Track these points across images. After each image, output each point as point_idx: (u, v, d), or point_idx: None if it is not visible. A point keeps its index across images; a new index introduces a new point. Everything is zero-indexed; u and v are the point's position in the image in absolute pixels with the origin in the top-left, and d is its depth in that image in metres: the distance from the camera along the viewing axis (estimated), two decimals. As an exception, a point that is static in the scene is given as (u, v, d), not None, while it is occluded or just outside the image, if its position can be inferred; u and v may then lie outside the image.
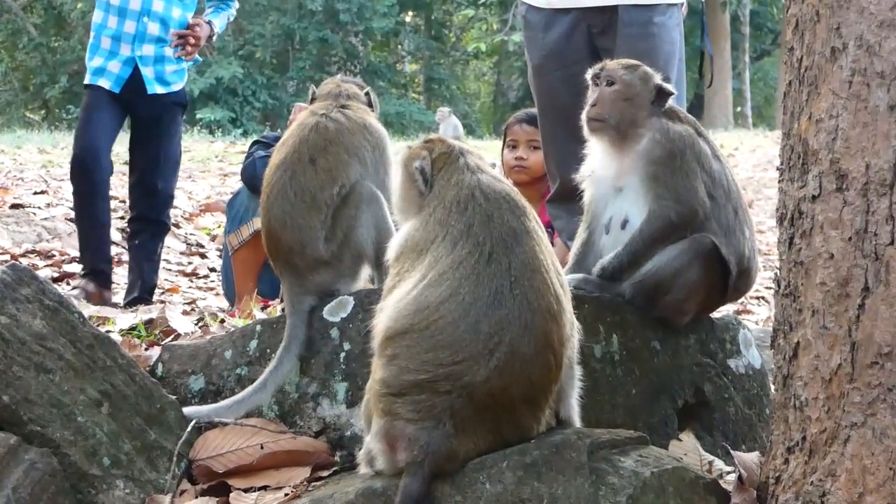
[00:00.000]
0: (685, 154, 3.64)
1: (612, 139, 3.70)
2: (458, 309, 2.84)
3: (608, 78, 3.73)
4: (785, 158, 2.94)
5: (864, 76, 2.68)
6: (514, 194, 3.06)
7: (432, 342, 2.84)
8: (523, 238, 2.93)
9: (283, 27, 36.01)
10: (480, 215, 2.94)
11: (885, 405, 2.64)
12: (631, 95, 3.70)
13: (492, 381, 2.82)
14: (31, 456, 3.16)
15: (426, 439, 2.83)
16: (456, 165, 3.08)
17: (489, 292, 2.84)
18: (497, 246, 2.90)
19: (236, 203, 6.54)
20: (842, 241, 2.71)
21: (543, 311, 2.88)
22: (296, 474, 3.34)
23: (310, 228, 3.68)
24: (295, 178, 3.70)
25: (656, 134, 3.66)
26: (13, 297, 3.33)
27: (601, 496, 2.84)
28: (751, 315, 7.66)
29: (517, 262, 2.89)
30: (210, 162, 17.27)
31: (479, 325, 2.82)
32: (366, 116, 3.88)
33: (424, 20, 42.33)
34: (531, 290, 2.87)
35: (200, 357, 3.76)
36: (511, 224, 2.95)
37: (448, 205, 2.99)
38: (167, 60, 6.86)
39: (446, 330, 2.83)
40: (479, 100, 46.40)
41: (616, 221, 3.70)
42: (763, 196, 15.48)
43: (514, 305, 2.84)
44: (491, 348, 2.82)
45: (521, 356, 2.84)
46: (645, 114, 3.70)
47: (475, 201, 2.97)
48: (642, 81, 3.73)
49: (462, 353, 2.82)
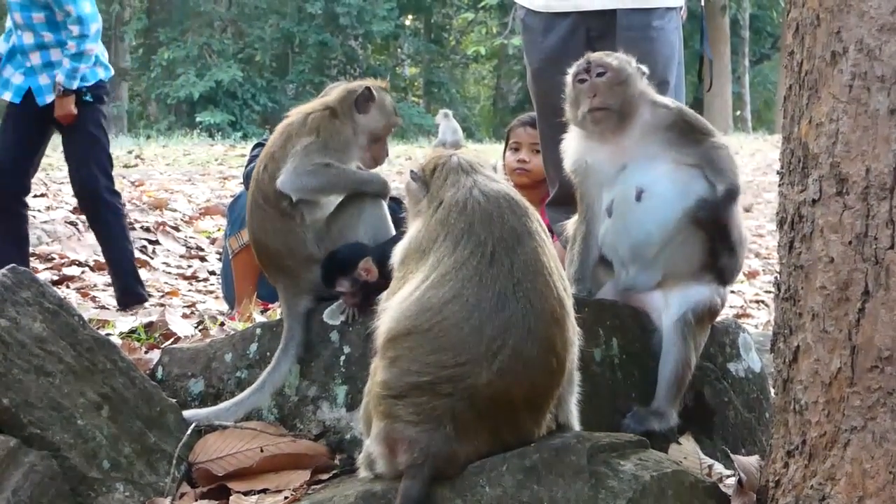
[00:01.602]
0: (685, 109, 3.82)
1: (613, 124, 3.73)
2: (461, 311, 2.83)
3: (598, 69, 3.76)
4: (785, 162, 2.94)
5: (864, 80, 2.68)
6: (512, 194, 3.06)
7: (435, 344, 2.83)
8: (525, 238, 2.93)
9: (283, 30, 36.00)
10: (480, 214, 2.95)
11: (885, 409, 2.64)
12: (624, 78, 3.76)
13: (494, 384, 2.81)
14: (31, 459, 3.15)
15: (426, 442, 2.82)
16: (450, 166, 3.10)
17: (492, 294, 2.84)
18: (499, 246, 2.89)
19: (237, 206, 6.53)
20: (842, 244, 2.71)
21: (547, 314, 2.88)
22: (295, 477, 3.34)
23: (290, 231, 3.71)
24: (258, 186, 3.76)
25: (656, 102, 3.78)
26: (13, 299, 3.33)
27: (601, 500, 2.84)
28: (750, 319, 7.66)
29: (519, 262, 2.89)
30: (210, 165, 17.26)
31: (483, 327, 2.82)
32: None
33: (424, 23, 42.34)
34: (534, 292, 2.87)
35: (200, 360, 3.76)
36: (512, 224, 2.95)
37: (448, 205, 2.99)
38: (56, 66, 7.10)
39: (450, 332, 2.82)
40: (479, 103, 46.39)
41: (624, 199, 3.70)
42: (763, 200, 15.47)
43: (517, 308, 2.84)
44: (494, 351, 2.81)
45: (524, 360, 2.83)
46: (638, 93, 3.77)
47: (474, 199, 2.97)
48: (628, 63, 3.82)
49: (465, 356, 2.81)
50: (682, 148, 3.69)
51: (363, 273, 3.55)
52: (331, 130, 3.74)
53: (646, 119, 3.72)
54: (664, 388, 3.60)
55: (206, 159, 18.45)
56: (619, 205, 3.70)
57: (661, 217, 3.64)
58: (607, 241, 3.76)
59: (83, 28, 7.00)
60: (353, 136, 3.78)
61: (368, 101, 3.79)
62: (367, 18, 35.86)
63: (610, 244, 3.76)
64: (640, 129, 3.71)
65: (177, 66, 35.06)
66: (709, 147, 3.70)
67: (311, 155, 3.69)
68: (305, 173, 3.67)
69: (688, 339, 3.61)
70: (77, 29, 6.98)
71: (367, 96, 3.79)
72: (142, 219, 9.87)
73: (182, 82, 34.25)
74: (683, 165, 3.68)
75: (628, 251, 3.71)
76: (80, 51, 7.01)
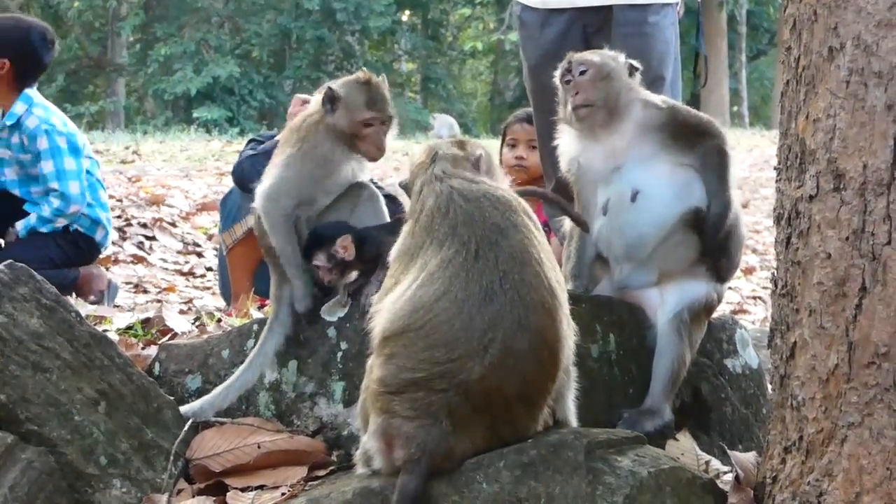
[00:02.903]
0: (679, 107, 3.79)
1: (601, 121, 3.71)
2: (451, 307, 2.85)
3: (580, 67, 3.75)
4: (782, 158, 2.95)
5: (861, 76, 2.68)
6: (495, 192, 3.06)
7: (428, 341, 2.85)
8: (509, 232, 2.95)
9: (280, 26, 35.92)
10: (462, 216, 2.97)
11: (882, 405, 2.64)
12: (607, 73, 3.74)
13: (487, 378, 2.83)
14: (28, 455, 3.16)
15: (423, 437, 2.83)
16: (430, 173, 3.12)
17: (480, 288, 2.86)
18: (482, 242, 2.92)
19: (228, 202, 6.54)
20: (839, 240, 2.71)
21: (537, 305, 2.89)
22: (293, 474, 3.34)
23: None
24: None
25: (648, 101, 3.75)
26: (10, 295, 3.32)
27: (598, 496, 2.84)
28: (747, 315, 7.67)
29: (505, 255, 2.90)
30: (207, 161, 17.22)
31: (473, 321, 2.84)
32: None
33: (421, 19, 42.26)
34: (522, 284, 2.88)
35: (197, 356, 3.76)
36: (494, 220, 2.97)
37: (430, 212, 3.03)
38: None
39: (441, 328, 2.85)
40: (476, 99, 46.33)
41: (619, 199, 3.69)
42: (759, 196, 15.47)
43: (505, 301, 2.86)
44: (485, 345, 2.83)
45: (515, 353, 2.84)
46: (626, 88, 3.75)
47: (455, 204, 3.00)
48: (612, 59, 3.80)
49: (458, 351, 2.83)
50: (676, 150, 3.67)
51: (340, 250, 3.56)
52: (313, 142, 3.70)
53: (637, 118, 3.70)
54: (659, 384, 3.60)
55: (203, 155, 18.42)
56: (614, 204, 3.70)
57: (656, 219, 3.64)
58: (602, 239, 3.76)
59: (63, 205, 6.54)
60: (334, 141, 3.71)
61: (333, 101, 3.69)
62: (363, 14, 35.80)
63: (605, 242, 3.76)
64: (632, 128, 3.69)
65: (174, 61, 34.97)
66: (702, 153, 3.67)
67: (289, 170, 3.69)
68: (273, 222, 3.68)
69: (683, 335, 3.61)
70: (57, 203, 6.54)
71: (331, 97, 3.70)
72: (138, 215, 9.86)
73: (179, 78, 34.17)
74: (680, 167, 3.67)
75: (623, 251, 3.71)
76: (51, 219, 6.56)
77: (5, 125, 6.51)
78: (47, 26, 6.93)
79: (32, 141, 6.48)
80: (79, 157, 6.60)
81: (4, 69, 6.47)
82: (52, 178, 6.49)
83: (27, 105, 6.52)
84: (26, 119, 6.49)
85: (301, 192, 3.68)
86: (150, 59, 35.51)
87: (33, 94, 6.59)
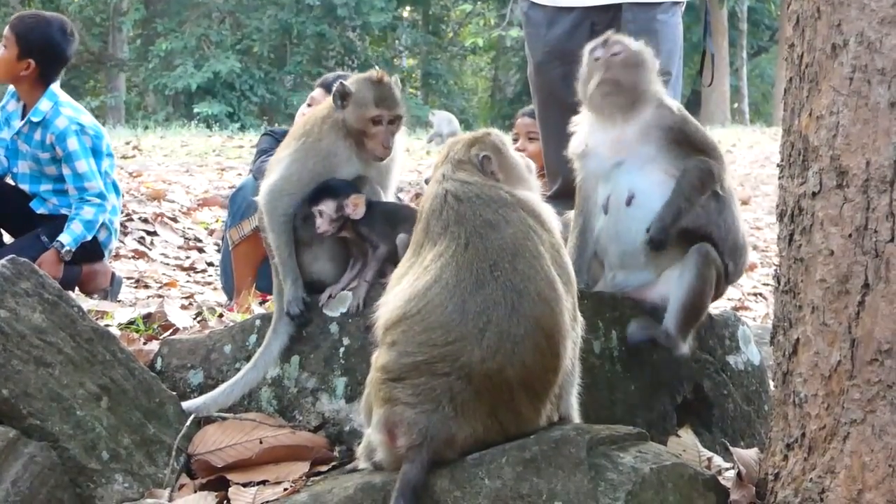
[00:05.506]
0: (690, 119, 3.76)
1: (619, 106, 3.71)
2: (443, 292, 2.94)
3: (616, 47, 3.76)
4: (785, 155, 2.95)
5: (864, 73, 2.68)
6: (489, 191, 3.11)
7: (424, 324, 2.93)
8: (500, 226, 3.02)
9: (281, 22, 35.89)
10: (454, 216, 3.06)
11: (885, 402, 2.64)
12: (641, 61, 3.76)
13: (487, 361, 2.87)
14: (31, 450, 3.16)
15: (425, 423, 2.86)
16: (437, 175, 3.20)
17: (470, 274, 2.95)
18: (472, 236, 3.01)
19: (238, 198, 6.53)
20: (842, 237, 2.71)
21: (532, 294, 2.93)
22: (295, 469, 3.35)
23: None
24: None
25: (663, 102, 3.74)
26: (13, 290, 3.32)
27: (600, 492, 2.85)
28: (749, 311, 7.66)
29: (494, 247, 2.98)
30: (207, 156, 17.24)
31: (465, 304, 2.90)
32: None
33: (422, 15, 42.23)
34: (514, 272, 2.94)
35: (199, 351, 3.76)
36: (485, 217, 3.04)
37: (427, 215, 3.12)
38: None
39: (435, 312, 2.92)
40: (477, 95, 46.33)
41: (617, 199, 3.70)
42: (761, 192, 15.45)
43: (496, 286, 2.92)
44: (480, 327, 2.89)
45: (511, 337, 2.89)
46: (650, 84, 3.76)
47: (448, 205, 3.09)
48: (648, 52, 3.82)
49: (454, 333, 2.89)
50: (673, 157, 3.66)
51: (351, 206, 3.58)
52: (317, 136, 3.71)
53: (651, 115, 3.70)
54: (674, 310, 3.60)
55: (204, 150, 18.44)
56: (612, 205, 3.71)
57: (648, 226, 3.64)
58: (601, 241, 3.76)
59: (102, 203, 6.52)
60: (340, 137, 3.72)
61: (343, 97, 3.70)
62: (364, 10, 35.77)
63: (602, 246, 3.77)
64: (642, 124, 3.69)
65: (175, 56, 34.97)
66: (688, 165, 3.65)
67: (292, 166, 3.70)
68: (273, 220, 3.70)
69: (702, 269, 3.60)
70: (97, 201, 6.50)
71: (342, 93, 3.70)
72: (139, 210, 9.86)
73: (180, 73, 34.17)
74: (672, 177, 3.66)
75: (617, 258, 3.72)
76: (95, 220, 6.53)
77: (30, 120, 6.50)
78: (65, 18, 6.94)
79: (61, 141, 6.45)
80: (100, 158, 6.62)
81: (30, 69, 6.48)
82: (90, 177, 6.48)
83: (53, 102, 6.51)
84: (55, 119, 6.47)
85: (304, 188, 3.68)
86: (151, 55, 35.51)
87: (57, 90, 6.60)
